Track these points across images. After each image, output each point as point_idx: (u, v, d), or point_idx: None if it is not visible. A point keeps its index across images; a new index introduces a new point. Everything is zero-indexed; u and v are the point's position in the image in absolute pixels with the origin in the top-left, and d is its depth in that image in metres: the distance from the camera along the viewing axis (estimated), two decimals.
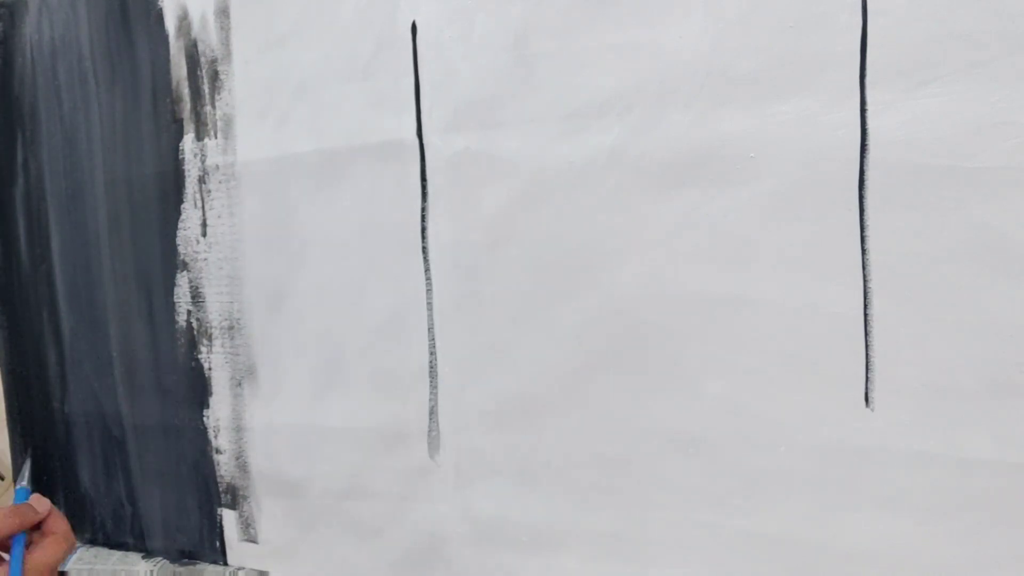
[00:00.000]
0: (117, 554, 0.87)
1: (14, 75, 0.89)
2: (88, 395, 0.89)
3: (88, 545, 0.90)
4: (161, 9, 0.79)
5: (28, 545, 0.75)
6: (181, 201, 0.80)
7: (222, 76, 0.77)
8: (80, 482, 0.91)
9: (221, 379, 0.81)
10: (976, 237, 0.51)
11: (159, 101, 0.80)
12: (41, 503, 0.78)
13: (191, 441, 0.83)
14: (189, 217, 0.80)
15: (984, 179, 0.51)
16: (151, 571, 0.83)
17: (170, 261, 0.82)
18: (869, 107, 0.53)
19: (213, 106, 0.78)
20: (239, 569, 0.81)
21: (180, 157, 0.80)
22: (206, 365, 0.81)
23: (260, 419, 0.79)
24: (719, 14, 0.57)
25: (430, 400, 0.70)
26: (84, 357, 0.89)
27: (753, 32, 0.56)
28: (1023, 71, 0.49)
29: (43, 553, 0.73)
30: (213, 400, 0.81)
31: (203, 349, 0.81)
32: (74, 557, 0.89)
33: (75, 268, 0.88)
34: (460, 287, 0.68)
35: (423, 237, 0.69)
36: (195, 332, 0.81)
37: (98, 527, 0.90)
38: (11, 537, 0.74)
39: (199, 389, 0.82)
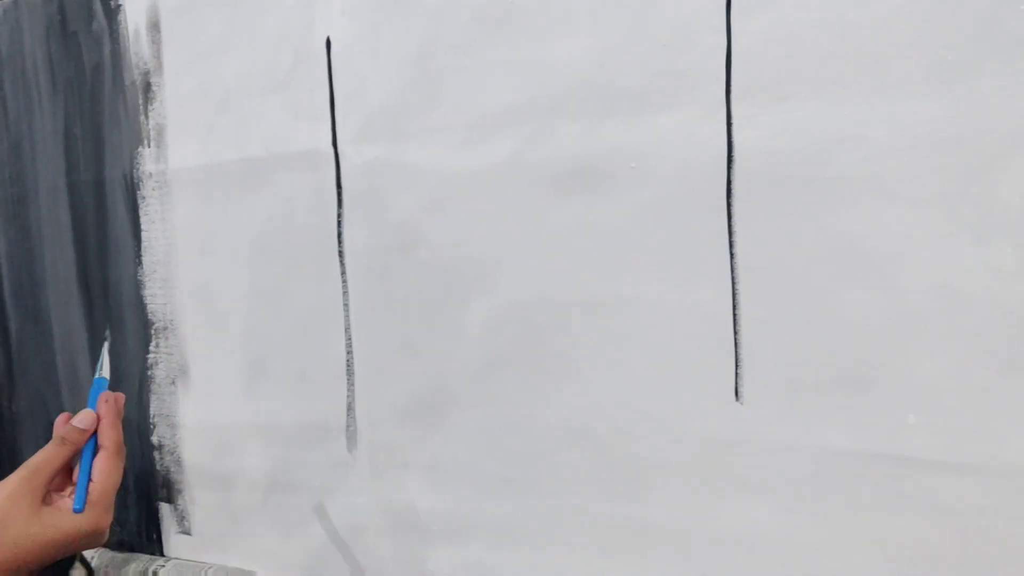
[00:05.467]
0: None
1: None
2: (34, 394, 0.92)
3: None
4: (98, 24, 0.83)
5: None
6: (117, 207, 0.84)
7: (154, 87, 0.80)
8: None
9: (157, 378, 0.84)
10: (831, 242, 0.55)
11: (96, 111, 0.84)
12: (87, 418, 0.66)
13: (130, 438, 0.86)
14: (124, 222, 0.83)
15: (838, 189, 0.55)
16: (92, 557, 0.87)
17: (107, 265, 0.85)
18: (734, 121, 0.57)
19: (146, 116, 0.81)
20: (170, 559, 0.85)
21: (115, 165, 0.83)
22: (143, 365, 0.85)
23: (193, 416, 0.82)
24: (601, 33, 0.60)
25: (348, 396, 0.74)
26: (29, 357, 0.92)
27: (631, 50, 0.60)
28: (870, 88, 0.53)
29: (101, 478, 0.64)
30: (150, 398, 0.85)
31: (139, 349, 0.84)
32: None
33: (20, 272, 0.91)
34: (374, 289, 0.72)
35: (339, 242, 0.73)
36: (132, 334, 0.85)
37: None
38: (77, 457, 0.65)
39: (136, 388, 0.85)
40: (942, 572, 0.53)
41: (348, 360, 0.73)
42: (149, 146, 0.81)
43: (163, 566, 0.84)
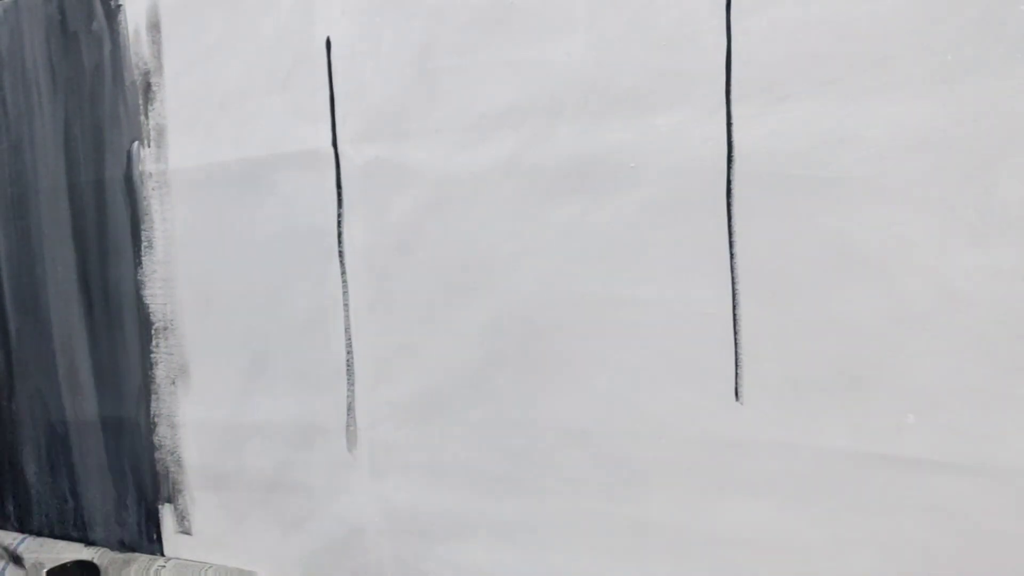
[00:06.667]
0: (62, 543, 0.90)
1: None
2: (33, 394, 0.92)
3: (35, 536, 0.93)
4: (98, 24, 0.83)
5: None
6: (117, 207, 0.84)
7: (154, 88, 0.80)
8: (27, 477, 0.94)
9: (157, 378, 0.84)
10: (829, 242, 0.55)
11: (96, 111, 0.84)
12: None
13: (131, 438, 0.87)
14: (124, 223, 0.83)
15: (838, 189, 0.55)
16: (93, 556, 0.87)
17: (107, 265, 0.85)
18: (734, 121, 0.57)
19: (147, 116, 0.81)
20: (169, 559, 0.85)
21: (116, 165, 0.83)
22: (143, 365, 0.85)
23: (193, 415, 0.82)
24: (601, 33, 0.60)
25: (347, 396, 0.74)
26: (29, 357, 0.92)
27: (630, 50, 0.60)
28: (870, 88, 0.53)
29: None
30: (150, 398, 0.85)
31: (140, 349, 0.84)
32: (22, 546, 0.92)
33: (20, 272, 0.91)
34: (374, 289, 0.72)
35: (339, 242, 0.73)
36: (132, 333, 0.85)
37: (44, 520, 0.94)
38: None
39: (137, 388, 0.85)
40: (942, 572, 0.53)
41: (348, 360, 0.73)
42: (149, 146, 0.81)
43: (163, 566, 0.84)
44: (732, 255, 0.58)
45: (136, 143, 0.82)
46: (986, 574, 0.52)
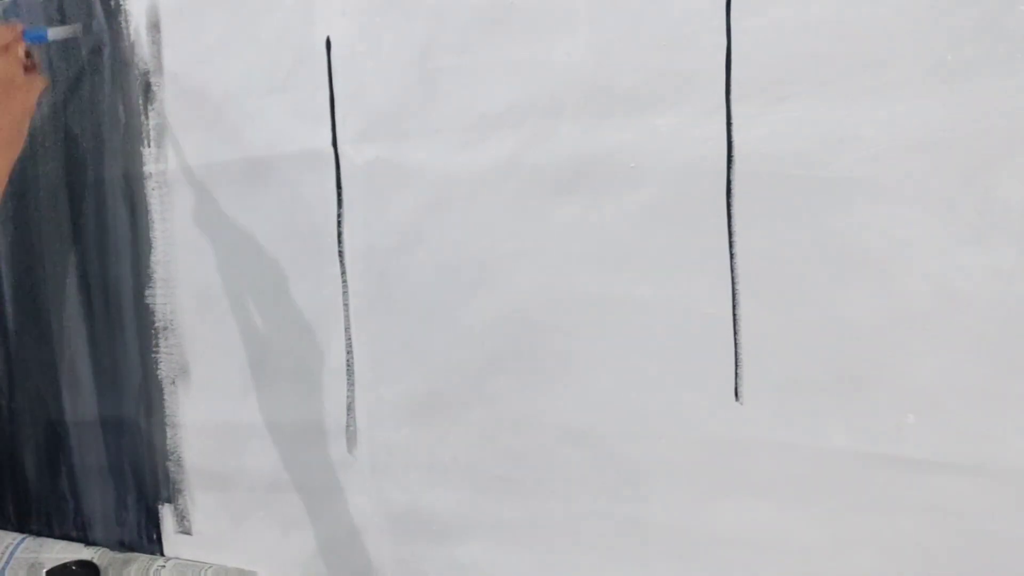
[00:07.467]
0: (61, 543, 0.90)
1: None
2: (33, 393, 0.92)
3: (34, 536, 0.93)
4: (98, 24, 0.83)
5: None
6: (117, 207, 0.84)
7: (154, 88, 0.80)
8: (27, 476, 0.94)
9: (157, 378, 0.84)
10: (829, 242, 0.55)
11: (96, 111, 0.84)
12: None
13: (131, 438, 0.87)
14: (124, 223, 0.83)
15: (836, 189, 0.55)
16: (93, 556, 0.87)
17: (107, 265, 0.85)
18: (734, 121, 0.57)
19: (146, 116, 0.81)
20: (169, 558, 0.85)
21: (115, 165, 0.83)
22: (143, 365, 0.85)
23: (193, 416, 0.82)
24: (601, 33, 0.60)
25: (347, 396, 0.74)
26: (29, 356, 0.92)
27: (631, 50, 0.60)
28: (870, 88, 0.53)
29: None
30: (150, 398, 0.85)
31: (140, 349, 0.85)
32: (22, 546, 0.92)
33: (20, 270, 0.91)
34: (373, 289, 0.72)
35: (339, 242, 0.73)
36: (132, 333, 0.85)
37: (44, 520, 0.94)
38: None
39: (137, 388, 0.85)
40: (941, 572, 0.53)
41: (348, 360, 0.73)
42: (149, 146, 0.81)
43: (163, 566, 0.84)
44: (732, 255, 0.58)
45: (136, 143, 0.82)
46: (986, 574, 0.52)
